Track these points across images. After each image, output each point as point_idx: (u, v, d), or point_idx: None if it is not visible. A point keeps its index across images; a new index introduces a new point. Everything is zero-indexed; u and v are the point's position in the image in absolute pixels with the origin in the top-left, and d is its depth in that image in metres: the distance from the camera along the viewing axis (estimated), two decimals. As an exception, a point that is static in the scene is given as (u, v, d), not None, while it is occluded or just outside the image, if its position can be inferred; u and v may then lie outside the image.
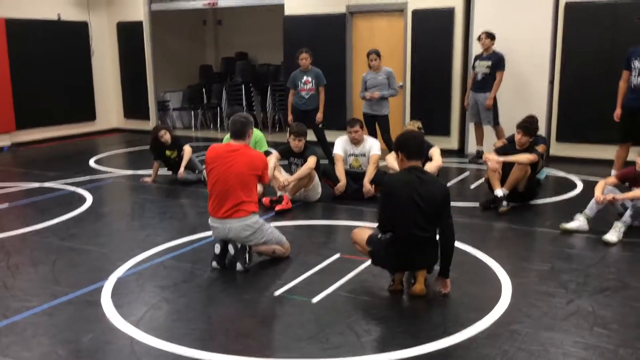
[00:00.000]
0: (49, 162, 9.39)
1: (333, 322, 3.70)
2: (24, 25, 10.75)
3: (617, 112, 7.02)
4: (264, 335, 3.61)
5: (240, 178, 4.50)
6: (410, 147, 4.03)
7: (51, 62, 11.29)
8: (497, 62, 8.32)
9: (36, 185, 7.69)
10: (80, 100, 12.08)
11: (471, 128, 9.22)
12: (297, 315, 3.83)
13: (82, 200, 6.86)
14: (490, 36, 8.34)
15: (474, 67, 8.58)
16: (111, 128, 12.85)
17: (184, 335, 3.57)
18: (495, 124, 8.46)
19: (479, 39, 8.45)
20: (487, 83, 8.39)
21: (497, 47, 8.44)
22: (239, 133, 4.68)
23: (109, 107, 12.76)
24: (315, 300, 3.99)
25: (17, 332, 3.62)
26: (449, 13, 9.31)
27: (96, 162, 9.36)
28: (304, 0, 10.45)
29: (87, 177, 8.10)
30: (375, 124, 8.14)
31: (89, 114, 12.35)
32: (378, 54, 8.01)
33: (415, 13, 9.50)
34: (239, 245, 4.54)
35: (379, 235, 4.11)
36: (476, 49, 8.93)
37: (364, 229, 4.43)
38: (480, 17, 9.05)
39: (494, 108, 8.40)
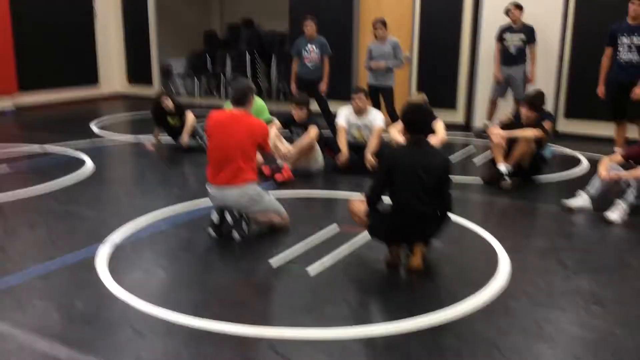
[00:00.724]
0: (51, 126, 9.35)
1: (328, 293, 3.68)
2: (26, -14, 10.62)
3: (600, 89, 7.01)
4: (258, 304, 3.60)
5: (240, 145, 4.45)
6: (415, 120, 3.99)
7: (54, 24, 11.18)
8: (531, 35, 8.16)
9: (37, 147, 7.66)
10: (84, 64, 12.00)
11: (478, 102, 9.09)
12: (292, 285, 3.82)
13: (83, 164, 6.83)
14: (519, 7, 8.15)
15: (502, 40, 8.33)
16: (114, 92, 12.78)
17: (178, 302, 3.55)
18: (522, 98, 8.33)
19: (507, 12, 8.23)
20: (520, 56, 8.23)
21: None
22: (240, 100, 4.61)
23: (112, 72, 12.67)
24: (310, 270, 3.97)
25: (12, 295, 3.62)
26: (458, -17, 9.11)
27: (99, 126, 9.31)
28: (312, -33, 10.24)
29: (89, 142, 8.06)
30: (379, 96, 8.03)
31: (92, 78, 12.29)
32: (384, 24, 7.86)
33: (425, -18, 9.31)
34: (237, 214, 4.51)
35: (379, 207, 4.08)
36: (486, 20, 8.75)
37: (362, 200, 4.39)
38: (490, -12, 8.85)
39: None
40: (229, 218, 4.52)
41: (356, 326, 3.26)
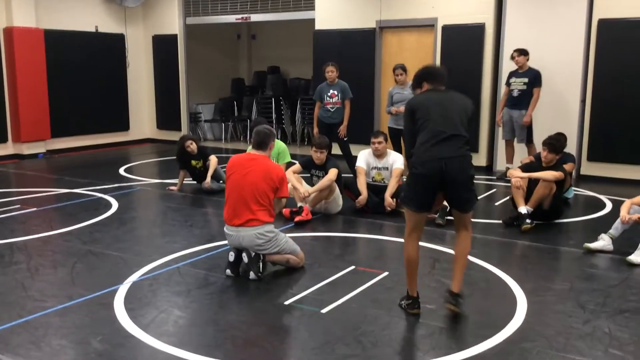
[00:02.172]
0: (81, 170, 9.62)
1: (341, 333, 3.67)
2: (62, 36, 11.12)
3: None
4: (270, 343, 3.60)
5: (255, 187, 4.53)
6: (436, 74, 4.01)
7: (87, 72, 11.62)
8: (534, 79, 8.20)
9: (65, 191, 7.88)
10: (115, 111, 12.38)
11: (500, 145, 9.09)
12: (305, 325, 3.81)
13: (108, 206, 6.99)
14: (523, 52, 8.22)
15: (508, 84, 8.44)
16: (144, 138, 13.11)
17: (192, 341, 3.58)
18: (529, 141, 8.32)
19: (512, 57, 8.34)
20: (523, 99, 8.27)
21: (529, 64, 8.33)
22: (261, 143, 4.73)
23: (143, 118, 13.03)
24: (325, 311, 3.97)
25: (30, 331, 3.69)
26: (479, 29, 9.25)
27: (126, 170, 9.55)
28: (335, 15, 10.54)
29: (116, 185, 8.27)
30: (400, 138, 8.10)
31: (123, 124, 12.64)
32: (404, 69, 8.00)
33: (445, 29, 9.47)
34: (253, 254, 4.55)
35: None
36: (507, 65, 8.83)
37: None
38: (511, 34, 8.96)
39: (530, 125, 8.27)
40: (245, 258, 4.57)
41: (367, 366, 3.24)
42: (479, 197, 7.49)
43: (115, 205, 7.04)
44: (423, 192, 3.80)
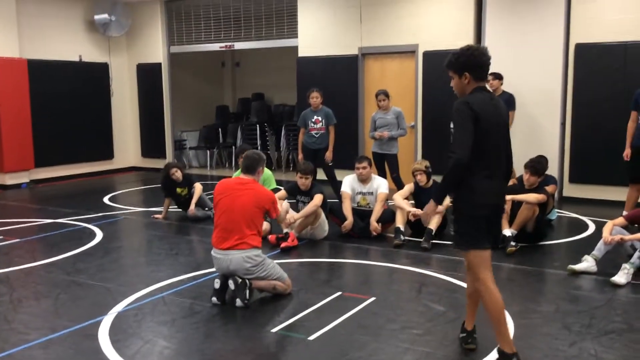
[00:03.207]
0: (65, 199, 9.54)
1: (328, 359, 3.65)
2: (45, 66, 11.10)
3: (627, 151, 6.97)
4: (257, 372, 3.58)
5: (245, 211, 4.54)
6: (487, 68, 3.41)
7: (71, 101, 11.60)
8: (508, 103, 8.30)
9: (49, 221, 7.81)
10: (99, 139, 12.34)
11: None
12: (292, 353, 3.79)
13: (92, 235, 6.93)
14: (498, 77, 8.35)
15: None
16: (128, 166, 13.06)
17: (177, 371, 3.54)
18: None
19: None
20: None
21: (507, 88, 8.46)
22: (250, 168, 4.77)
23: (127, 146, 12.99)
24: (312, 338, 3.95)
25: (12, 364, 3.63)
26: (460, 54, 9.39)
27: (111, 199, 9.49)
28: (317, 42, 10.65)
29: (100, 214, 8.21)
30: (384, 163, 8.16)
31: (107, 153, 12.59)
32: (387, 95, 8.09)
33: (426, 54, 9.61)
34: (239, 281, 4.53)
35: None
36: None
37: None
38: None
39: None
40: (232, 285, 4.54)
41: (354, 393, 3.22)
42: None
43: (99, 234, 6.98)
44: (484, 227, 3.40)
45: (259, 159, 4.83)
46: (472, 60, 3.35)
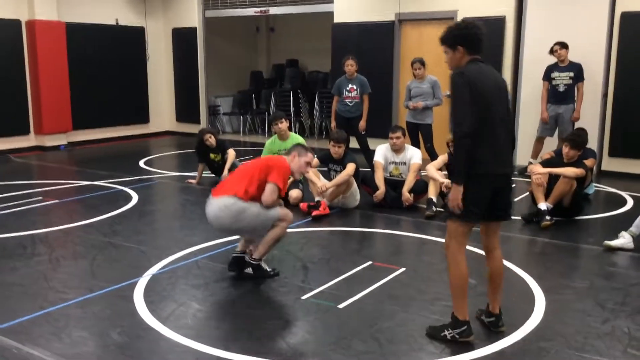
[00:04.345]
0: (101, 162, 9.73)
1: (357, 329, 3.68)
2: (83, 29, 11.23)
3: None
4: (286, 338, 3.62)
5: (248, 167, 4.44)
6: (481, 40, 3.39)
7: (108, 65, 11.72)
8: (579, 72, 8.08)
9: (86, 183, 7.98)
10: (135, 103, 12.48)
11: (522, 140, 9.00)
12: (322, 321, 3.83)
13: (128, 198, 7.07)
14: (565, 46, 8.08)
15: (549, 79, 8.27)
16: (163, 131, 13.21)
17: (209, 334, 3.62)
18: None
19: (552, 51, 8.17)
20: (569, 94, 8.14)
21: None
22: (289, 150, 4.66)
23: (162, 111, 13.12)
24: (341, 306, 3.98)
25: (51, 322, 3.75)
26: (500, 22, 9.15)
27: (146, 163, 9.63)
28: (354, 8, 10.49)
29: (136, 177, 8.35)
30: (418, 133, 8.06)
31: (143, 117, 12.74)
32: (422, 63, 7.94)
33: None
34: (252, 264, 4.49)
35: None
36: (528, 59, 8.73)
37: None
38: (532, 27, 8.86)
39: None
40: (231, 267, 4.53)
41: (383, 363, 3.25)
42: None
43: (135, 197, 7.11)
44: (486, 194, 3.36)
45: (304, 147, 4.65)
46: (466, 33, 3.38)
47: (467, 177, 3.27)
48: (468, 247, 4.90)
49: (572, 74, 8.09)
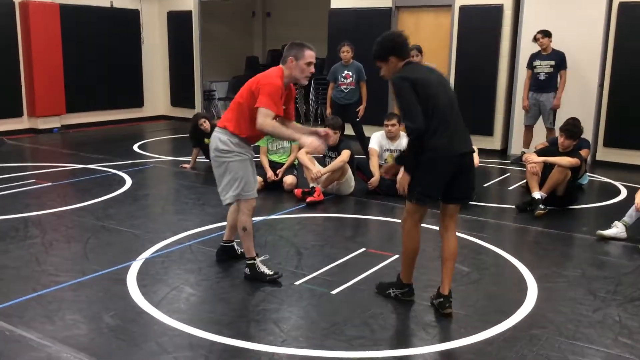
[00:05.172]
0: (95, 145, 9.67)
1: (350, 315, 3.69)
2: (77, 11, 11.11)
3: None
4: (278, 323, 3.62)
5: (241, 93, 4.13)
6: (407, 46, 3.68)
7: (102, 48, 11.62)
8: (561, 61, 8.09)
9: (80, 166, 7.94)
10: (129, 87, 12.40)
11: (516, 128, 9.01)
12: (315, 306, 3.84)
13: (122, 182, 7.04)
14: (547, 34, 8.09)
15: (532, 67, 8.29)
16: (158, 115, 13.14)
17: (202, 319, 3.62)
18: (553, 126, 8.22)
19: (535, 39, 8.19)
20: (550, 82, 8.18)
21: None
22: (282, 58, 4.24)
23: (157, 95, 13.04)
24: (335, 292, 3.99)
25: (43, 305, 3.75)
26: (497, 10, 9.11)
27: (140, 147, 9.59)
28: (351, -6, 10.41)
29: (130, 161, 8.31)
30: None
31: (137, 101, 12.66)
32: (420, 50, 7.88)
33: (463, 9, 9.34)
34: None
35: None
36: (525, 48, 8.71)
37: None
38: (529, 16, 8.83)
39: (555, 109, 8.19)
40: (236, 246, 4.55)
41: (375, 350, 3.26)
42: (492, 182, 7.50)
43: (129, 181, 7.08)
44: (442, 179, 3.54)
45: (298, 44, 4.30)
46: (392, 45, 3.63)
47: (416, 165, 3.53)
48: (464, 235, 4.95)
49: (553, 62, 8.11)
